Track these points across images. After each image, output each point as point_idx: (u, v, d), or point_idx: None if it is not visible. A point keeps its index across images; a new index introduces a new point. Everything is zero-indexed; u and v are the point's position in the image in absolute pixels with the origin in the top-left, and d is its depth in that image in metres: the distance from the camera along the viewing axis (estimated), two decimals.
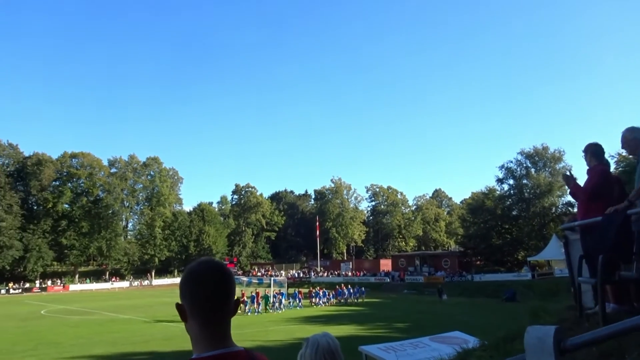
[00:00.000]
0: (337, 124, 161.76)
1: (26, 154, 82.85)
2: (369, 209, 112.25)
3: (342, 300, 46.02)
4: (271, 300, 38.58)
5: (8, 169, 79.29)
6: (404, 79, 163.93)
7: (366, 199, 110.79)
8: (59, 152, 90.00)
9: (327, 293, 45.85)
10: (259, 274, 78.98)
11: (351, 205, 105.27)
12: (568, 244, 5.66)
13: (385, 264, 78.37)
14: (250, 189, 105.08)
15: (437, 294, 48.34)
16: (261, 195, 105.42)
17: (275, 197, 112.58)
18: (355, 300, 46.91)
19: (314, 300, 43.63)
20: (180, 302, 1.59)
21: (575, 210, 6.31)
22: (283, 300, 40.10)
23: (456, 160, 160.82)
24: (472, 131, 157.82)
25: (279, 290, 42.90)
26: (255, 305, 36.67)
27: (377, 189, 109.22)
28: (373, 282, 66.64)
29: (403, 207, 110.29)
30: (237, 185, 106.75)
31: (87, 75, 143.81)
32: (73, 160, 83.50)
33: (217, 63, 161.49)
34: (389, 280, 67.02)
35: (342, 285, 50.96)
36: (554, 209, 68.87)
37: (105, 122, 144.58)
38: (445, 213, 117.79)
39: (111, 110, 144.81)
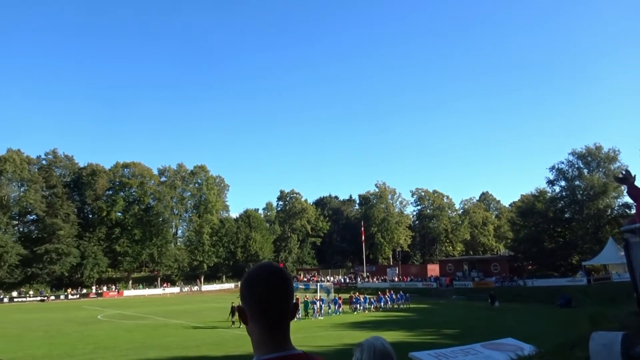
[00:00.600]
0: (380, 128, 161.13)
1: (81, 165, 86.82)
2: (414, 213, 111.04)
3: (382, 307, 44.65)
4: (311, 307, 38.15)
5: (65, 180, 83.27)
6: (449, 80, 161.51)
7: (411, 203, 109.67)
8: (111, 162, 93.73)
9: (367, 299, 45.02)
10: (304, 279, 79.31)
11: (396, 210, 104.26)
12: (629, 247, 5.40)
13: (433, 269, 77.04)
14: (295, 195, 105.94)
15: (488, 300, 46.99)
16: (306, 201, 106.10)
17: (320, 203, 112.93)
18: (399, 307, 45.81)
19: (354, 306, 42.97)
20: (241, 304, 1.63)
21: (634, 212, 6.01)
22: (323, 307, 39.49)
23: (504, 163, 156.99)
24: (520, 132, 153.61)
25: (319, 297, 42.59)
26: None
27: (423, 193, 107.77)
28: (420, 288, 65.62)
29: (449, 211, 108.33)
30: (281, 192, 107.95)
31: (138, 91, 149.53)
32: (125, 170, 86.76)
33: (258, 74, 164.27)
34: (436, 285, 65.79)
35: (387, 290, 49.75)
36: (609, 210, 65.70)
37: (155, 132, 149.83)
38: (494, 216, 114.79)
39: (160, 122, 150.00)
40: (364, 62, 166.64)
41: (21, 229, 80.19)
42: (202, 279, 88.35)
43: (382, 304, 45.06)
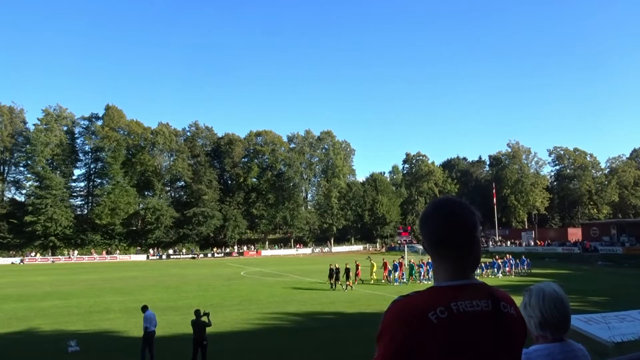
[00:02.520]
0: (512, 84, 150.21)
1: (219, 135, 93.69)
2: (552, 173, 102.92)
3: (493, 274, 39.75)
4: (417, 270, 36.25)
5: (206, 149, 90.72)
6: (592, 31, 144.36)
7: (549, 163, 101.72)
8: (245, 131, 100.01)
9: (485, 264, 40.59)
10: None
11: (531, 171, 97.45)
12: None
13: (574, 233, 71.23)
14: (421, 157, 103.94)
15: None
16: (433, 163, 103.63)
17: (448, 165, 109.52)
18: (520, 272, 41.37)
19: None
20: (422, 240, 1.67)
21: None
22: (430, 271, 36.27)
23: None
24: None
25: (428, 260, 40.57)
26: (398, 274, 34.76)
27: (562, 152, 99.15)
28: (560, 253, 61.29)
29: (594, 171, 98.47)
30: (407, 154, 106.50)
31: (266, 62, 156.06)
32: (258, 138, 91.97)
33: (380, 37, 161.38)
34: (578, 250, 60.80)
35: (506, 255, 44.53)
36: None
37: (283, 101, 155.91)
38: None
39: (288, 89, 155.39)
40: (503, 15, 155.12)
41: (173, 195, 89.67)
42: (332, 241, 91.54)
43: (495, 269, 40.24)
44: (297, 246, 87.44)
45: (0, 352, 15.18)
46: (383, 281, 34.89)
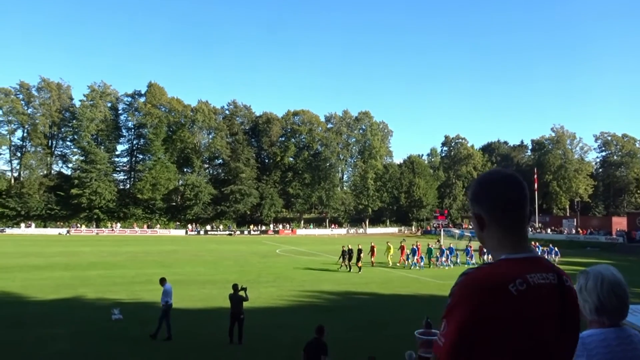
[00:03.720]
0: (556, 66, 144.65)
1: (257, 113, 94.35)
2: (597, 160, 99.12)
3: None
4: (435, 254, 35.26)
5: (244, 128, 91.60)
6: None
7: (594, 149, 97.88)
8: (283, 110, 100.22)
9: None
10: (469, 227, 77.23)
11: (575, 157, 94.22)
12: None
13: (619, 222, 68.63)
14: (460, 140, 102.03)
15: None
16: (472, 146, 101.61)
17: (487, 149, 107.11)
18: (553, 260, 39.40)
19: (484, 257, 38.78)
20: (476, 211, 1.64)
21: None
22: (450, 256, 35.77)
23: None
24: None
25: (449, 245, 38.66)
26: (416, 259, 33.49)
27: (609, 138, 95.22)
28: (603, 242, 59.37)
29: None
30: (446, 137, 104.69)
31: (305, 40, 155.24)
32: (295, 117, 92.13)
33: (420, 16, 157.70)
34: (623, 240, 58.64)
35: (533, 242, 43.38)
36: None
37: (321, 80, 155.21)
38: None
39: (326, 69, 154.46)
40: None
41: (211, 172, 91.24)
42: (367, 222, 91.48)
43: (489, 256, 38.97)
44: (332, 226, 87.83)
45: (50, 317, 16.00)
46: (398, 264, 34.02)
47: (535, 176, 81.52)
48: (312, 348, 9.12)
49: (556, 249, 41.31)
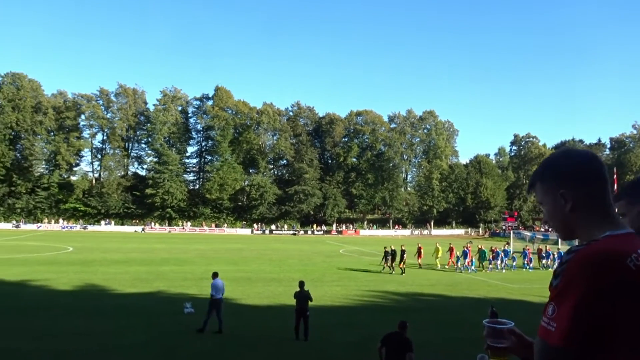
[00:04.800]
0: (635, 59, 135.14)
1: (320, 114, 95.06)
2: None
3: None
4: (488, 256, 32.93)
5: (307, 129, 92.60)
6: None
7: None
8: (346, 111, 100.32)
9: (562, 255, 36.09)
10: (541, 229, 73.76)
11: None
12: None
13: None
14: (531, 139, 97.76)
15: None
16: (544, 145, 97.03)
17: (561, 147, 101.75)
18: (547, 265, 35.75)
19: (544, 261, 35.38)
20: (563, 190, 1.53)
21: None
22: (506, 259, 33.13)
23: None
24: None
25: (503, 247, 35.95)
26: (467, 261, 31.52)
27: None
28: None
29: None
30: (516, 136, 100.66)
31: (370, 41, 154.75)
32: (358, 117, 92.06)
33: (490, 15, 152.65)
34: None
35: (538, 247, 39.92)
36: None
37: (384, 80, 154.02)
38: None
39: (389, 69, 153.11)
40: None
41: (275, 172, 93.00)
42: (432, 223, 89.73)
43: (547, 261, 35.15)
44: (396, 227, 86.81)
45: (128, 308, 16.93)
46: (447, 267, 32.56)
47: (615, 176, 76.54)
48: (393, 343, 8.51)
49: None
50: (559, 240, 41.35)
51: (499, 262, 32.73)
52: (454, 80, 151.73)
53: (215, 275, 14.49)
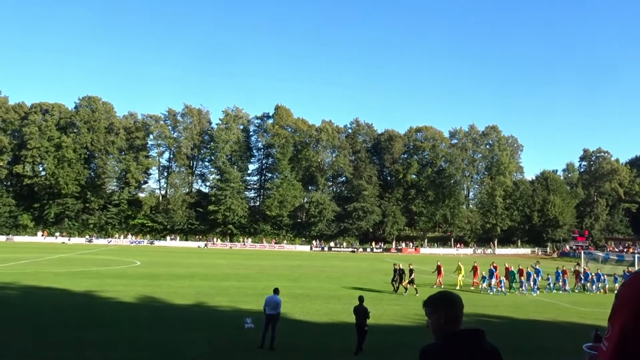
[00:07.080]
0: None
1: (379, 131, 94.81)
2: None
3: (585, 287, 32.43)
4: (518, 279, 30.04)
5: (366, 145, 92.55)
6: None
7: None
8: (405, 127, 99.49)
9: (602, 276, 32.61)
10: (616, 250, 69.33)
11: None
12: None
13: None
14: (602, 154, 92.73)
15: None
16: (617, 160, 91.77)
17: (636, 163, 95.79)
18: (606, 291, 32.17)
19: (582, 283, 32.53)
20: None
21: None
22: (538, 279, 30.58)
23: None
24: None
25: (536, 266, 32.35)
26: (494, 282, 29.20)
27: None
28: None
29: None
30: (585, 151, 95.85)
31: (430, 57, 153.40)
32: (418, 134, 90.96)
33: (554, 28, 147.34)
34: None
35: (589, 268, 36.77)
36: None
37: (445, 96, 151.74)
38: None
39: (449, 84, 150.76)
40: None
41: (334, 189, 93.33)
42: (496, 242, 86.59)
43: (582, 282, 32.62)
44: (458, 246, 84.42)
45: (190, 322, 17.41)
46: (472, 288, 30.72)
47: None
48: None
49: (604, 275, 33.89)
50: (636, 262, 38.72)
51: (531, 283, 30.33)
52: (517, 95, 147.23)
53: (276, 291, 14.43)
